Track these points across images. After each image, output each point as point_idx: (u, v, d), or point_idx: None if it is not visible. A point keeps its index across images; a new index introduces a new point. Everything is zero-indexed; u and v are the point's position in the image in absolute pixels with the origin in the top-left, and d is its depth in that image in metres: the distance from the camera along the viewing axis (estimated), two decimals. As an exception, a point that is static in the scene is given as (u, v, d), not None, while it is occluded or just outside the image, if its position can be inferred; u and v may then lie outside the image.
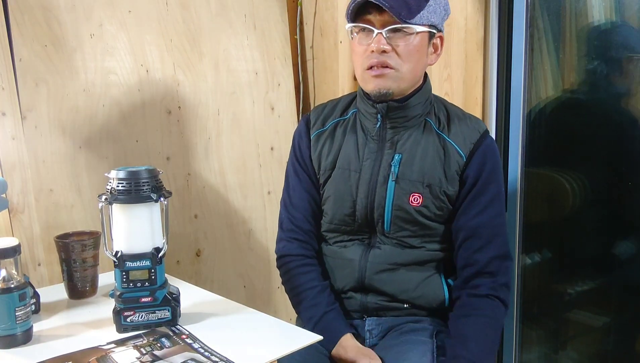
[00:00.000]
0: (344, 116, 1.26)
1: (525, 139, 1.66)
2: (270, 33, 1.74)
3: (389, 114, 1.18)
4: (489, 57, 1.69)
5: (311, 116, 1.30)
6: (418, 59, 1.14)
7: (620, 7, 1.54)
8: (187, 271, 1.59)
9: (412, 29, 1.10)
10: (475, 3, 1.65)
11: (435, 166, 1.16)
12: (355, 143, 1.22)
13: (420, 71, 1.17)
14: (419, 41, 1.12)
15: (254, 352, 0.95)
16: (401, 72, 1.13)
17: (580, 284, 1.72)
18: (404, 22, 1.08)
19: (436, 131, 1.19)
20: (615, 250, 1.61)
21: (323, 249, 1.27)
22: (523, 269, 1.73)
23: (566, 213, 1.69)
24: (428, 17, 1.11)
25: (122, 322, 1.02)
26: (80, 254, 1.19)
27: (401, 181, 1.16)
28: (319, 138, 1.26)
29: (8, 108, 1.26)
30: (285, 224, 1.28)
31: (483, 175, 1.15)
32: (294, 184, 1.28)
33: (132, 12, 1.46)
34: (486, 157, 1.16)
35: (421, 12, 1.10)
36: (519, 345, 1.78)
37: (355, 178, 1.20)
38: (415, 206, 1.16)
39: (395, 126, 1.19)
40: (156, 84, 1.51)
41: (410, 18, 1.08)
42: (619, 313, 1.67)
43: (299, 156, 1.28)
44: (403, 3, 1.08)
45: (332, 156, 1.23)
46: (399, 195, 1.16)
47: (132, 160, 1.47)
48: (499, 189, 1.18)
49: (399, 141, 1.18)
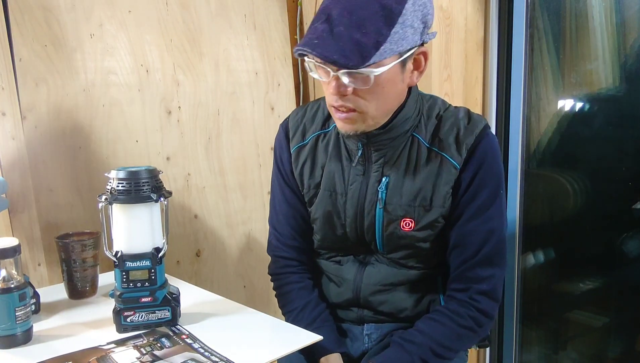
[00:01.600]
0: (325, 128, 1.16)
1: (525, 139, 1.66)
2: (270, 33, 1.74)
3: (371, 140, 1.07)
4: (489, 57, 1.69)
5: (290, 124, 1.20)
6: (387, 94, 0.99)
7: (620, 7, 1.54)
8: (187, 271, 1.59)
9: (368, 74, 0.93)
10: (475, 3, 1.65)
11: (426, 186, 1.06)
12: (339, 164, 1.12)
13: (394, 102, 1.03)
14: (385, 77, 0.96)
15: (254, 352, 0.95)
16: (368, 112, 0.99)
17: (581, 284, 1.72)
18: (357, 70, 0.91)
19: (426, 146, 1.07)
20: (615, 250, 1.61)
21: (318, 262, 1.24)
22: (523, 269, 1.73)
23: (566, 214, 1.69)
24: (392, 49, 0.92)
25: (122, 322, 1.02)
26: (80, 254, 1.19)
27: (389, 206, 1.08)
28: (299, 153, 1.16)
29: (8, 108, 1.26)
30: (273, 242, 1.25)
31: (476, 180, 1.06)
32: (279, 200, 1.22)
33: (132, 12, 1.46)
34: (482, 161, 1.05)
35: (381, 48, 0.90)
36: (519, 345, 1.78)
37: (342, 202, 1.12)
38: (408, 231, 1.08)
39: (380, 148, 1.08)
40: (156, 84, 1.51)
41: (365, 62, 0.90)
42: (619, 314, 1.67)
43: (282, 169, 1.21)
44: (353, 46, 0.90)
45: (315, 174, 1.15)
46: (389, 221, 1.09)
47: (132, 160, 1.47)
48: (495, 189, 1.07)
49: (386, 163, 1.09)
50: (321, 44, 0.90)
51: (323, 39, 0.91)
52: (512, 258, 1.71)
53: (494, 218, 1.08)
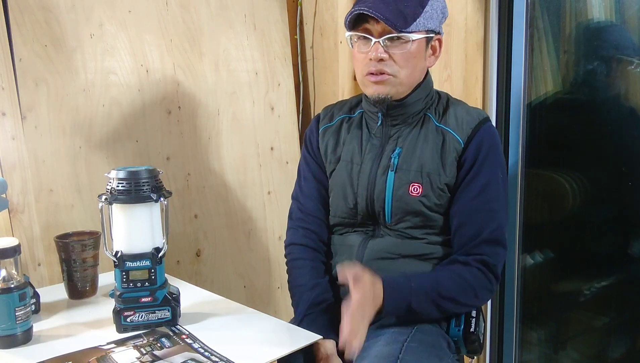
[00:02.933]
0: (351, 114, 1.31)
1: (525, 139, 1.66)
2: (270, 33, 1.74)
3: (390, 112, 1.21)
4: (489, 57, 1.69)
5: (322, 113, 1.35)
6: (415, 64, 1.17)
7: (620, 7, 1.54)
8: (187, 271, 1.59)
9: (408, 37, 1.13)
10: (475, 3, 1.65)
11: (433, 156, 1.18)
12: (359, 138, 1.26)
13: (418, 74, 1.20)
14: (416, 47, 1.16)
15: (254, 352, 0.95)
16: (399, 78, 1.16)
17: (581, 284, 1.72)
18: (400, 32, 1.11)
19: (435, 123, 1.21)
20: (615, 249, 1.61)
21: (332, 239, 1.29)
22: (523, 269, 1.73)
23: (566, 213, 1.69)
24: (424, 24, 1.14)
25: (122, 322, 1.02)
26: (80, 254, 1.19)
27: (400, 171, 1.19)
28: (325, 131, 1.30)
29: (8, 108, 1.26)
30: (295, 214, 1.31)
31: (479, 159, 1.16)
32: (306, 174, 1.32)
33: (132, 12, 1.46)
34: (483, 141, 1.17)
35: (417, 20, 1.13)
36: (519, 345, 1.78)
37: (356, 170, 1.23)
38: (416, 196, 1.17)
39: (397, 123, 1.22)
40: (156, 84, 1.51)
41: (406, 27, 1.11)
42: (620, 313, 1.67)
43: (310, 148, 1.33)
44: (399, 13, 1.11)
45: (338, 150, 1.27)
46: (399, 185, 1.18)
47: (132, 160, 1.47)
48: (495, 173, 1.18)
49: (400, 136, 1.22)
50: (375, 7, 1.10)
51: (376, 4, 1.11)
52: (512, 258, 1.71)
53: (495, 200, 1.17)
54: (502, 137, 1.69)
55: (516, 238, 1.69)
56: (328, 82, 1.80)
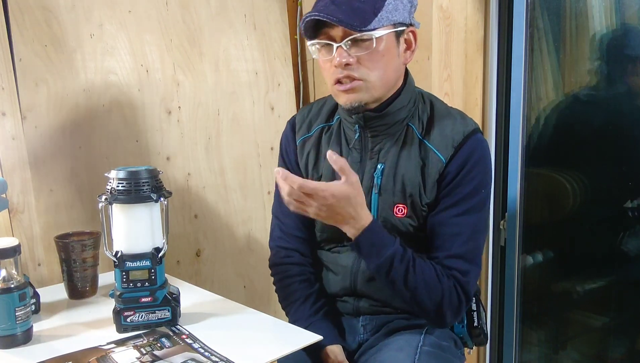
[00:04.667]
0: (329, 121, 1.22)
1: (525, 139, 1.66)
2: (270, 33, 1.74)
3: (368, 124, 1.12)
4: (489, 57, 1.68)
5: (297, 119, 1.26)
6: (386, 63, 1.07)
7: (620, 7, 1.54)
8: (187, 271, 1.59)
9: (371, 35, 1.02)
10: (475, 3, 1.65)
11: (416, 175, 1.11)
12: (339, 153, 1.16)
13: (393, 75, 1.10)
14: (384, 45, 1.05)
15: (254, 352, 0.95)
16: (370, 81, 1.06)
17: (581, 284, 1.72)
18: (360, 31, 1.01)
19: (418, 137, 1.12)
20: (615, 249, 1.61)
21: (319, 253, 1.25)
22: (523, 269, 1.73)
23: (566, 213, 1.69)
24: (388, 17, 1.03)
25: (122, 322, 1.02)
26: (80, 254, 1.19)
27: (384, 192, 1.12)
28: (304, 144, 1.22)
29: (8, 108, 1.26)
30: (275, 233, 1.25)
31: (459, 175, 1.09)
32: None
33: (132, 12, 1.46)
34: (468, 158, 1.09)
35: (379, 15, 1.02)
36: (519, 345, 1.77)
37: None
38: (400, 217, 1.11)
39: (377, 134, 1.13)
40: (156, 84, 1.51)
41: (366, 25, 1.01)
42: (620, 313, 1.67)
43: (287, 161, 1.25)
44: (354, 11, 1.01)
45: (319, 165, 1.20)
46: (384, 207, 1.12)
47: (132, 160, 1.47)
48: (475, 190, 1.10)
49: (382, 149, 1.13)
50: (325, 11, 1.01)
51: (326, 7, 1.02)
52: (512, 258, 1.71)
53: (471, 214, 1.09)
54: (502, 137, 1.69)
55: (516, 238, 1.69)
56: (328, 82, 1.80)
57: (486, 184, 1.13)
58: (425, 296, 1.06)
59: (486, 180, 1.13)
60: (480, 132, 1.13)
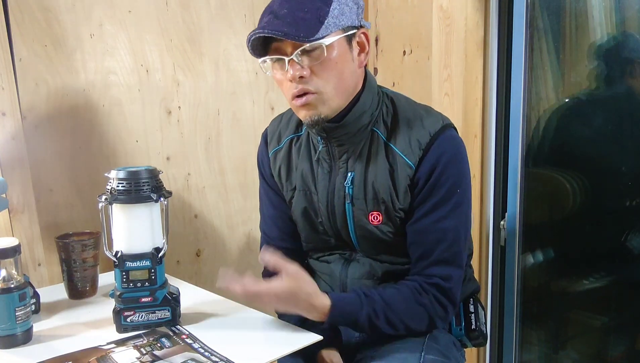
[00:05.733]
0: (298, 131, 1.19)
1: (525, 139, 1.66)
2: (270, 33, 1.74)
3: (330, 134, 1.09)
4: (489, 57, 1.68)
5: (268, 131, 1.25)
6: (341, 70, 1.03)
7: (620, 7, 1.54)
8: (187, 271, 1.59)
9: (320, 44, 0.98)
10: (475, 3, 1.65)
11: (386, 182, 1.08)
12: (309, 163, 1.16)
13: (350, 81, 1.06)
14: (337, 52, 1.01)
15: (254, 352, 0.95)
16: (326, 92, 1.03)
17: (581, 283, 1.72)
18: (309, 41, 0.97)
19: (384, 140, 1.10)
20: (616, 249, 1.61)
21: (309, 262, 1.25)
22: (523, 269, 1.73)
23: (566, 213, 1.69)
24: (336, 23, 1.00)
25: (122, 322, 1.02)
26: (80, 254, 1.19)
27: (357, 201, 1.10)
28: (276, 156, 1.21)
29: (8, 108, 1.26)
30: (263, 247, 1.26)
31: (432, 178, 1.06)
32: (265, 204, 1.26)
33: (132, 12, 1.46)
34: (438, 159, 1.06)
35: (325, 22, 0.98)
36: (519, 344, 1.77)
37: (315, 200, 1.15)
38: (376, 225, 1.10)
39: (342, 143, 1.10)
40: (156, 84, 1.51)
41: (313, 35, 0.97)
42: (620, 313, 1.67)
43: (264, 174, 1.25)
44: (298, 22, 0.98)
45: (291, 177, 1.18)
46: (359, 216, 1.11)
47: (132, 160, 1.47)
48: (450, 190, 1.07)
49: (350, 158, 1.11)
50: (270, 26, 0.99)
51: (270, 23, 1.00)
52: (512, 258, 1.71)
53: (449, 217, 1.08)
54: (502, 137, 1.69)
55: (516, 238, 1.69)
56: (328, 82, 1.80)
57: (461, 181, 1.09)
58: (413, 323, 1.07)
59: (461, 178, 1.09)
60: (450, 128, 1.10)
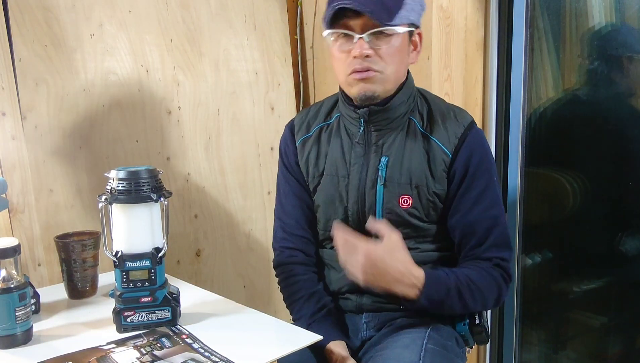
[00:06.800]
0: (327, 120, 1.24)
1: (525, 139, 1.66)
2: (270, 33, 1.74)
3: (372, 118, 1.15)
4: (489, 57, 1.68)
5: (295, 122, 1.28)
6: (400, 59, 1.12)
7: (620, 7, 1.54)
8: (187, 271, 1.59)
9: (393, 30, 1.07)
10: (475, 3, 1.65)
11: (422, 166, 1.14)
12: (341, 148, 1.20)
13: (403, 71, 1.15)
14: (401, 42, 1.10)
15: (254, 352, 0.95)
16: (386, 74, 1.10)
17: (580, 284, 1.72)
18: (385, 25, 1.05)
19: (420, 130, 1.16)
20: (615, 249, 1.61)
21: (320, 253, 1.26)
22: (523, 269, 1.73)
23: (566, 213, 1.69)
24: (407, 16, 1.08)
25: (122, 322, 1.02)
26: (80, 254, 1.19)
27: (389, 184, 1.14)
28: (304, 144, 1.24)
29: (8, 108, 1.26)
30: (278, 234, 1.27)
31: (470, 170, 1.13)
32: (286, 191, 1.27)
33: (132, 12, 1.46)
34: (473, 150, 1.14)
35: (400, 12, 1.06)
36: (519, 344, 1.77)
37: (344, 184, 1.18)
38: (406, 208, 1.14)
39: (380, 128, 1.16)
40: (156, 84, 1.51)
41: (391, 20, 1.05)
42: (619, 313, 1.67)
43: (287, 163, 1.27)
44: (382, 5, 1.05)
45: (320, 163, 1.22)
46: (389, 198, 1.14)
47: (132, 160, 1.47)
48: (489, 180, 1.15)
49: (385, 143, 1.16)
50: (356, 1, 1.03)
51: None
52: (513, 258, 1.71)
53: (494, 206, 1.15)
54: (503, 137, 1.69)
55: (516, 238, 1.69)
56: (328, 82, 1.80)
57: (494, 170, 1.18)
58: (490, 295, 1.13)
59: (494, 168, 1.18)
60: (475, 123, 1.19)
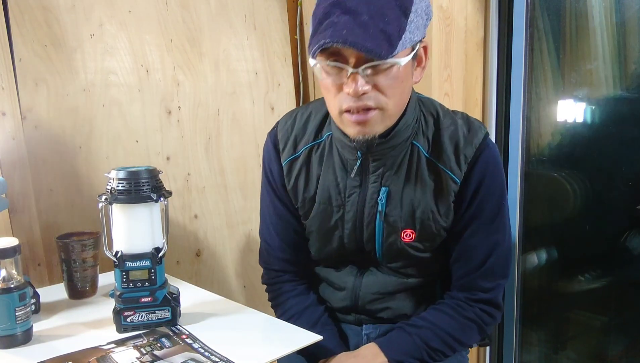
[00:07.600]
0: (317, 139, 1.09)
1: (525, 140, 1.66)
2: (270, 33, 1.74)
3: (372, 149, 1.01)
4: (489, 57, 1.68)
5: (279, 136, 1.12)
6: (403, 88, 0.94)
7: (620, 8, 1.54)
8: (187, 271, 1.59)
9: (395, 62, 0.89)
10: (475, 3, 1.65)
11: (426, 198, 1.02)
12: (334, 175, 1.07)
13: (407, 98, 0.98)
14: (404, 69, 0.91)
15: (254, 352, 0.94)
16: (387, 110, 0.93)
17: (581, 284, 1.72)
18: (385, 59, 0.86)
19: (425, 155, 1.03)
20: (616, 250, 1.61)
21: (316, 269, 1.22)
22: (523, 269, 1.73)
23: (566, 214, 1.69)
24: (411, 38, 0.90)
25: (122, 322, 1.02)
26: (80, 254, 1.19)
27: (390, 218, 1.04)
28: (291, 166, 1.11)
29: (8, 108, 1.26)
30: (264, 255, 1.23)
31: (479, 196, 1.02)
32: (270, 212, 1.19)
33: (132, 12, 1.46)
34: (484, 174, 1.02)
35: (403, 37, 0.87)
36: (519, 345, 1.78)
37: (339, 215, 1.08)
38: (408, 242, 1.05)
39: (379, 157, 1.02)
40: (156, 84, 1.51)
41: (393, 51, 0.86)
42: (619, 313, 1.67)
43: (273, 183, 1.16)
44: (381, 35, 0.85)
45: (310, 188, 1.10)
46: (389, 232, 1.05)
47: (132, 160, 1.47)
48: (497, 206, 1.05)
49: (385, 172, 1.03)
50: (351, 34, 0.84)
51: (351, 30, 0.84)
52: (513, 259, 1.71)
53: (498, 231, 1.07)
54: (502, 138, 1.69)
55: (516, 238, 1.69)
56: (328, 82, 1.79)
57: (504, 191, 1.07)
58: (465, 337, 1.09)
59: (504, 188, 1.07)
60: (488, 136, 1.05)
